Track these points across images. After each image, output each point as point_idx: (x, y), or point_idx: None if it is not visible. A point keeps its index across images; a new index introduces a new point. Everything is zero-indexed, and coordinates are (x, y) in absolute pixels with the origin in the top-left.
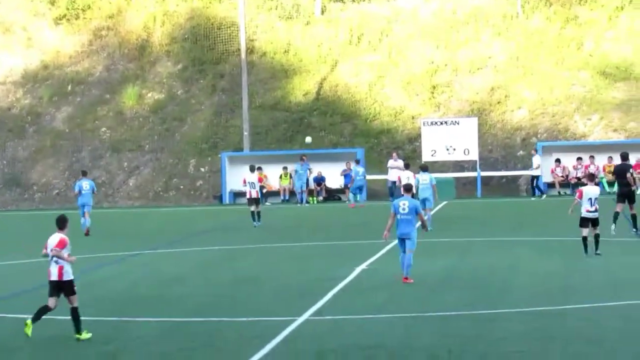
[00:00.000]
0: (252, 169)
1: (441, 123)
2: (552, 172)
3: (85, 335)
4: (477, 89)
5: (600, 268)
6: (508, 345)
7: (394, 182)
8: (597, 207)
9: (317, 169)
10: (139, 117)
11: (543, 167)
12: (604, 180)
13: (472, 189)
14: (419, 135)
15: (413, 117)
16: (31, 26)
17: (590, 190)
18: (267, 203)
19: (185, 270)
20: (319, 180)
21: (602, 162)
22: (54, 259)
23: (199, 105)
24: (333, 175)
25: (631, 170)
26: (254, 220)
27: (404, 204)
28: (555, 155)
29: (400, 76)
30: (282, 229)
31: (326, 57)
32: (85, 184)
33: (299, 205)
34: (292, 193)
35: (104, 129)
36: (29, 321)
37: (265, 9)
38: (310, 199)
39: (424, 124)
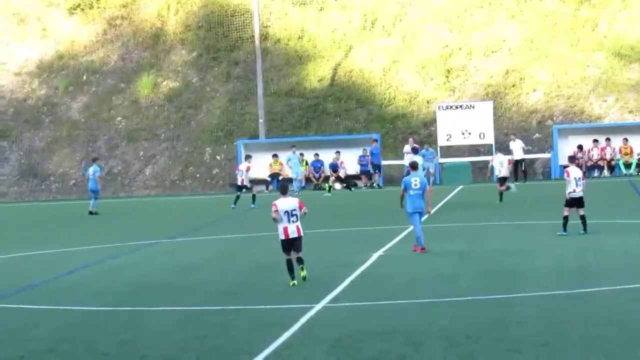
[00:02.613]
0: (245, 158)
1: (456, 107)
2: (575, 154)
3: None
4: (492, 73)
5: (617, 250)
6: (525, 330)
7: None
8: (582, 187)
9: (332, 155)
10: (154, 106)
11: (561, 150)
12: (621, 162)
13: (486, 173)
14: (434, 120)
15: (428, 102)
16: (45, 16)
17: (575, 171)
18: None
19: (202, 258)
20: (335, 166)
21: (618, 144)
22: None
23: (213, 92)
24: (349, 162)
25: None
26: (234, 203)
27: (415, 180)
28: (571, 138)
29: (415, 60)
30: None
31: (340, 43)
32: (90, 170)
33: (296, 193)
34: (307, 179)
35: (119, 118)
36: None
37: None
38: (325, 185)
39: (439, 108)
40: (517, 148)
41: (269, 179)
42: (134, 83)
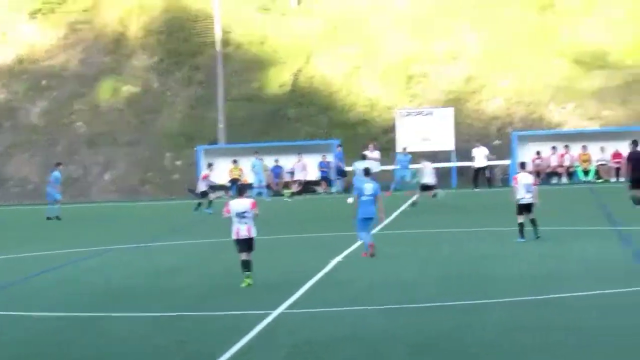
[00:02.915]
0: (208, 166)
1: (417, 113)
2: (533, 161)
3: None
4: (453, 79)
5: (576, 257)
6: (487, 336)
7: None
8: (532, 193)
9: (292, 161)
10: (114, 111)
11: (520, 156)
12: (579, 169)
13: (447, 179)
14: (395, 126)
15: (389, 108)
16: (6, 20)
17: (525, 178)
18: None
19: (162, 265)
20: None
21: (576, 151)
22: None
23: (174, 98)
24: (309, 167)
25: None
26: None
27: (368, 186)
28: (530, 145)
29: (376, 67)
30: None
31: (302, 49)
32: (52, 175)
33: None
34: (267, 186)
35: (79, 123)
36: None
37: (241, 1)
38: (285, 191)
39: (399, 114)
40: (481, 155)
41: (229, 184)
42: (95, 88)
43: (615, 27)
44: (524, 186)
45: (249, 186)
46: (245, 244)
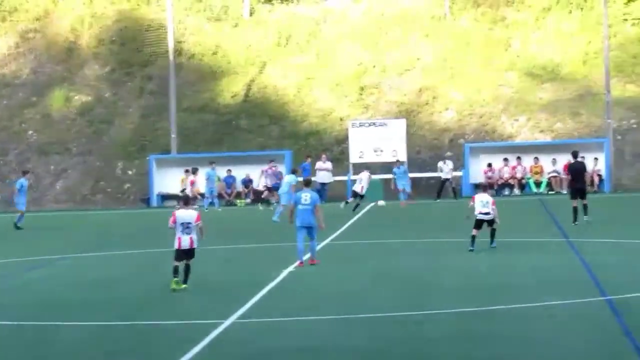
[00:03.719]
0: (193, 172)
1: (369, 124)
2: (485, 173)
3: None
4: (406, 91)
5: (526, 268)
6: (436, 347)
7: (323, 184)
8: (490, 210)
9: (244, 171)
10: (66, 120)
11: (472, 168)
12: (531, 181)
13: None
14: (347, 137)
15: (341, 119)
16: None
17: (482, 197)
18: (194, 206)
19: (112, 274)
20: (247, 182)
21: (528, 163)
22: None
23: (126, 107)
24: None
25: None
26: None
27: (306, 195)
28: (482, 157)
29: (329, 78)
30: (209, 232)
31: (255, 59)
32: (17, 184)
33: (205, 209)
34: (219, 195)
35: (30, 131)
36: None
37: (193, 11)
38: (238, 201)
39: (352, 125)
40: (447, 168)
41: (181, 194)
42: (47, 97)
43: (566, 40)
44: (480, 203)
45: (201, 195)
46: (185, 255)
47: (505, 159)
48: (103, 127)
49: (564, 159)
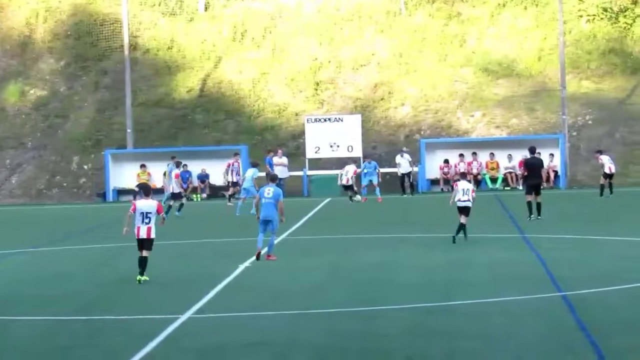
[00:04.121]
0: (177, 165)
1: (325, 120)
2: (441, 169)
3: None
4: (361, 86)
5: (483, 264)
6: (391, 343)
7: (279, 179)
8: (469, 197)
9: (200, 166)
10: (21, 114)
11: (428, 164)
12: (487, 177)
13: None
14: (303, 132)
15: (297, 114)
16: None
17: (463, 184)
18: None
19: (67, 269)
20: (203, 177)
21: (484, 159)
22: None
23: (82, 102)
24: (217, 173)
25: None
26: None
27: (269, 190)
28: (438, 153)
29: (284, 73)
30: (163, 227)
31: (210, 54)
32: None
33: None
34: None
35: None
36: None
37: (148, 6)
38: (194, 196)
39: (307, 120)
40: (406, 162)
41: (136, 189)
42: (1, 91)
43: (522, 36)
44: (462, 190)
45: (160, 190)
46: (142, 244)
47: (461, 155)
48: (58, 122)
49: (520, 154)
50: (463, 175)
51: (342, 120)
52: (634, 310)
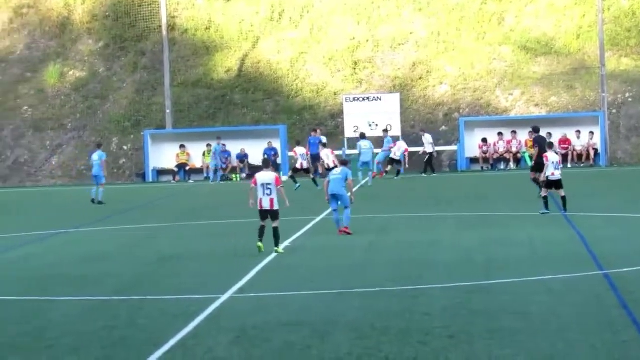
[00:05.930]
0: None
1: (363, 99)
2: (480, 147)
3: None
4: (399, 65)
5: (523, 242)
6: (432, 321)
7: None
8: (560, 171)
9: (239, 146)
10: (60, 96)
11: (467, 142)
12: (527, 155)
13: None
14: (342, 112)
15: (335, 94)
16: None
17: (553, 156)
18: (190, 181)
19: (108, 249)
20: (242, 157)
21: (523, 137)
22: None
23: (121, 83)
24: (256, 153)
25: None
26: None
27: (337, 170)
28: (477, 131)
29: (322, 52)
30: (204, 207)
31: (248, 34)
32: (95, 156)
33: (211, 183)
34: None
35: (25, 107)
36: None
37: None
38: (234, 176)
39: (346, 100)
40: (427, 142)
41: (176, 169)
42: (41, 72)
43: (560, 14)
44: (552, 164)
45: (200, 170)
46: (267, 215)
47: (500, 133)
48: (97, 103)
49: (559, 132)
50: (550, 146)
51: (380, 99)
52: None
